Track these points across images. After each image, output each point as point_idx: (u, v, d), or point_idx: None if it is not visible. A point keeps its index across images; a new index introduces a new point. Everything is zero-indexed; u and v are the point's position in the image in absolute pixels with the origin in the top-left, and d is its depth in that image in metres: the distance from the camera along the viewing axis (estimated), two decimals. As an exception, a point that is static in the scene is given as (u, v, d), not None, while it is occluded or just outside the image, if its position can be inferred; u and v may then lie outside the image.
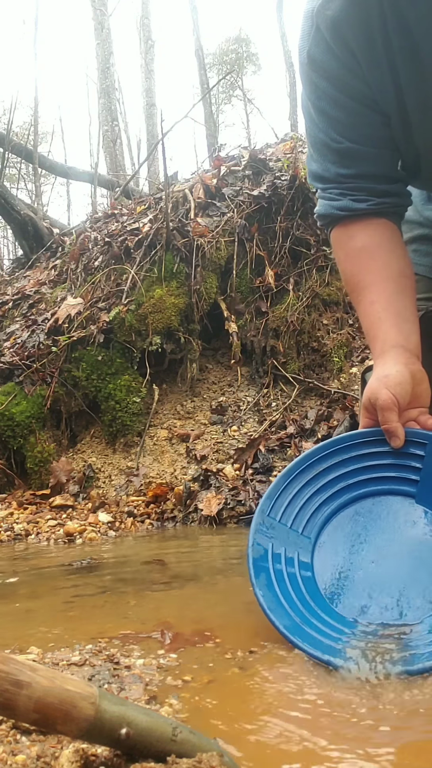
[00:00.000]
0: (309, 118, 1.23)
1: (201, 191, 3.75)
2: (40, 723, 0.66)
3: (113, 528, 2.71)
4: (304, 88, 1.21)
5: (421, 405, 1.15)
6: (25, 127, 11.66)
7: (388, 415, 1.11)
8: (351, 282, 1.27)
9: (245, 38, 19.21)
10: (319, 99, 1.18)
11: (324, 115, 1.19)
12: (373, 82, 1.12)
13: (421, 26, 1.03)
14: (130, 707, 0.68)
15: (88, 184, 7.91)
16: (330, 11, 1.08)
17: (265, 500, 1.16)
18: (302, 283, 3.51)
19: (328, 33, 1.10)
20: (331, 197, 1.26)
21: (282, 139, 5.01)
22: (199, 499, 2.76)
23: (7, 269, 5.42)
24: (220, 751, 0.68)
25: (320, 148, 1.23)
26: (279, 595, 1.07)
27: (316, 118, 1.20)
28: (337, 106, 1.16)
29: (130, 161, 11.35)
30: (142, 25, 12.87)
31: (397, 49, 1.07)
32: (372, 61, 1.10)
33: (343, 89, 1.14)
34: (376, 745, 0.76)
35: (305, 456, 1.19)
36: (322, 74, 1.15)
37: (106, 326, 3.35)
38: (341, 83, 1.14)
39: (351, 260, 1.26)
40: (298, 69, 1.22)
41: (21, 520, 2.85)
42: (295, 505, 1.16)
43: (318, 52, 1.13)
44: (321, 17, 1.10)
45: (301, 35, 1.16)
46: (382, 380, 1.12)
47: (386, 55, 1.09)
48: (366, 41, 1.08)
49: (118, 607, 1.51)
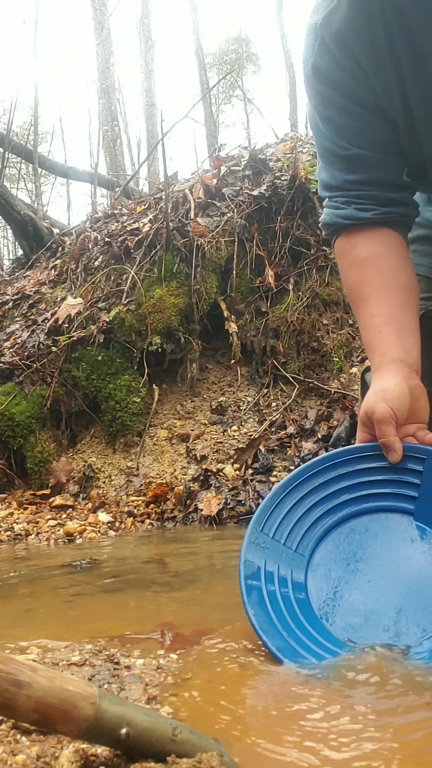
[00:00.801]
0: (316, 128, 1.23)
1: (201, 191, 3.75)
2: (40, 723, 0.66)
3: (113, 528, 2.71)
4: (310, 100, 1.21)
5: (419, 421, 1.14)
6: (25, 127, 11.68)
7: (386, 428, 1.09)
8: (353, 293, 1.25)
9: (245, 38, 19.23)
10: (326, 108, 1.18)
11: (331, 123, 1.19)
12: (379, 89, 1.13)
13: (425, 32, 1.04)
14: (130, 707, 0.68)
15: (88, 184, 7.92)
16: (335, 23, 1.10)
17: (258, 515, 1.13)
18: (302, 283, 3.51)
19: (333, 44, 1.11)
20: (336, 206, 1.25)
21: (282, 139, 5.01)
22: (199, 499, 2.76)
23: (7, 269, 5.43)
24: (220, 751, 0.68)
25: (328, 156, 1.23)
26: (271, 614, 1.04)
27: (323, 128, 1.21)
28: (344, 113, 1.17)
29: (130, 161, 11.36)
30: (142, 25, 12.87)
31: (402, 56, 1.07)
32: (377, 69, 1.11)
33: (350, 96, 1.15)
34: (377, 741, 0.76)
35: (301, 470, 1.16)
36: (327, 83, 1.16)
37: (106, 326, 3.35)
38: (347, 91, 1.15)
39: (354, 270, 1.24)
40: (303, 82, 1.22)
41: (21, 520, 2.85)
42: (289, 521, 1.13)
43: (323, 64, 1.14)
44: (325, 29, 1.11)
45: (305, 48, 1.17)
46: (380, 394, 1.10)
47: (391, 62, 1.09)
48: (371, 50, 1.09)
49: (118, 607, 1.51)
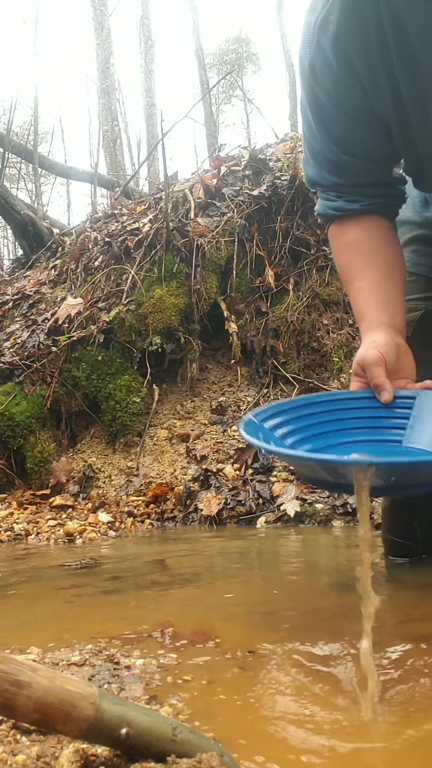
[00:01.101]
0: (307, 124, 1.26)
1: (201, 191, 3.75)
2: (40, 723, 0.67)
3: (113, 528, 2.71)
4: (304, 95, 1.23)
5: (406, 376, 1.19)
6: (25, 127, 11.66)
7: (376, 370, 1.14)
8: (343, 272, 1.34)
9: (245, 38, 19.20)
10: (318, 111, 1.21)
11: (323, 126, 1.22)
12: (372, 92, 1.14)
13: (420, 36, 1.04)
14: (130, 707, 0.69)
15: (88, 184, 7.92)
16: (331, 25, 1.10)
17: (254, 414, 1.11)
18: (302, 283, 3.51)
19: (329, 48, 1.12)
20: (327, 198, 1.33)
21: (282, 139, 5.00)
22: (199, 499, 2.76)
23: (7, 269, 5.42)
24: (220, 751, 0.68)
25: (317, 156, 1.29)
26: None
27: (315, 128, 1.24)
28: (335, 121, 1.20)
29: (130, 161, 11.35)
30: (142, 25, 12.86)
31: (396, 58, 1.08)
32: (371, 72, 1.12)
33: (342, 106, 1.17)
34: (376, 739, 0.76)
35: (297, 399, 1.20)
36: (322, 88, 1.17)
37: (106, 326, 3.35)
38: (340, 100, 1.17)
39: (344, 252, 1.33)
40: (299, 75, 1.24)
41: (21, 520, 2.85)
42: (280, 433, 1.12)
43: (318, 66, 1.15)
44: (322, 32, 1.12)
45: (302, 44, 1.17)
46: (370, 345, 1.17)
47: (384, 66, 1.10)
48: (364, 53, 1.10)
49: (118, 607, 1.51)
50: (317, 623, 1.26)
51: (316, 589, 1.60)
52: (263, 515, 2.60)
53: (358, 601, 0.88)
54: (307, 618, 1.31)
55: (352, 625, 1.19)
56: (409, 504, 1.59)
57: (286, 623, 1.27)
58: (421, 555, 1.63)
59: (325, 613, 1.34)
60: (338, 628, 1.16)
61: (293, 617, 1.32)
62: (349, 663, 1.01)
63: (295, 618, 1.31)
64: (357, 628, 0.88)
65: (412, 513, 1.61)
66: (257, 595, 1.59)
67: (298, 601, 1.48)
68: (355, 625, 0.89)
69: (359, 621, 0.88)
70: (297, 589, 1.62)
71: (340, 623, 1.21)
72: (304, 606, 1.41)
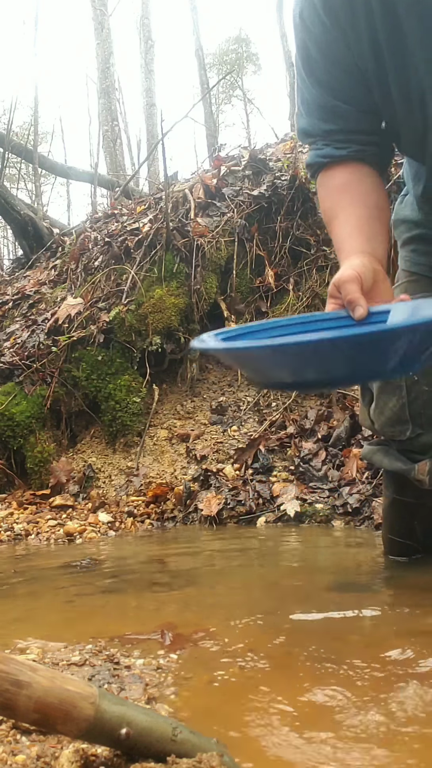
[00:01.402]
0: (299, 76, 1.30)
1: (201, 191, 3.75)
2: (40, 723, 0.66)
3: (113, 528, 2.71)
4: (297, 48, 1.28)
5: (382, 302, 1.14)
6: (25, 127, 11.65)
7: (351, 286, 1.09)
8: (328, 214, 1.32)
9: (245, 38, 19.17)
10: (309, 61, 1.25)
11: (313, 75, 1.26)
12: (356, 51, 1.19)
13: (404, 2, 1.08)
14: (130, 707, 0.69)
15: (88, 184, 7.91)
16: None
17: (215, 332, 1.07)
18: (302, 283, 3.51)
19: (319, 2, 1.17)
20: (317, 148, 1.33)
21: (282, 139, 5.00)
22: (199, 499, 2.76)
23: (7, 269, 5.42)
24: (220, 751, 0.68)
25: (309, 106, 1.31)
26: None
27: (306, 78, 1.28)
28: (325, 70, 1.24)
29: (130, 161, 11.34)
30: (142, 25, 12.85)
31: (378, 16, 1.12)
32: (355, 32, 1.16)
33: (330, 56, 1.22)
34: (376, 739, 0.76)
35: (266, 322, 1.15)
36: (312, 38, 1.22)
37: (106, 326, 3.34)
38: (328, 50, 1.21)
39: (329, 196, 1.32)
40: (292, 26, 1.28)
41: (21, 520, 2.85)
42: None
43: (308, 16, 1.21)
44: None
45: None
46: (347, 266, 1.13)
47: (368, 32, 1.15)
48: (349, 8, 1.15)
49: (118, 607, 1.51)
50: (317, 623, 1.26)
51: (316, 589, 1.60)
52: (263, 515, 2.60)
53: (357, 601, 0.88)
54: (307, 618, 1.31)
55: (353, 626, 1.20)
56: (409, 504, 1.60)
57: (286, 623, 1.27)
58: (421, 554, 1.63)
59: (325, 613, 1.34)
60: (338, 628, 1.16)
61: (293, 617, 1.32)
62: (350, 663, 1.01)
63: (295, 618, 1.31)
64: (357, 629, 0.88)
65: (413, 513, 1.61)
66: (257, 595, 1.59)
67: (298, 601, 1.47)
68: (355, 625, 0.89)
69: (359, 621, 0.88)
70: (297, 589, 1.62)
71: (340, 623, 1.21)
72: (304, 606, 1.41)
